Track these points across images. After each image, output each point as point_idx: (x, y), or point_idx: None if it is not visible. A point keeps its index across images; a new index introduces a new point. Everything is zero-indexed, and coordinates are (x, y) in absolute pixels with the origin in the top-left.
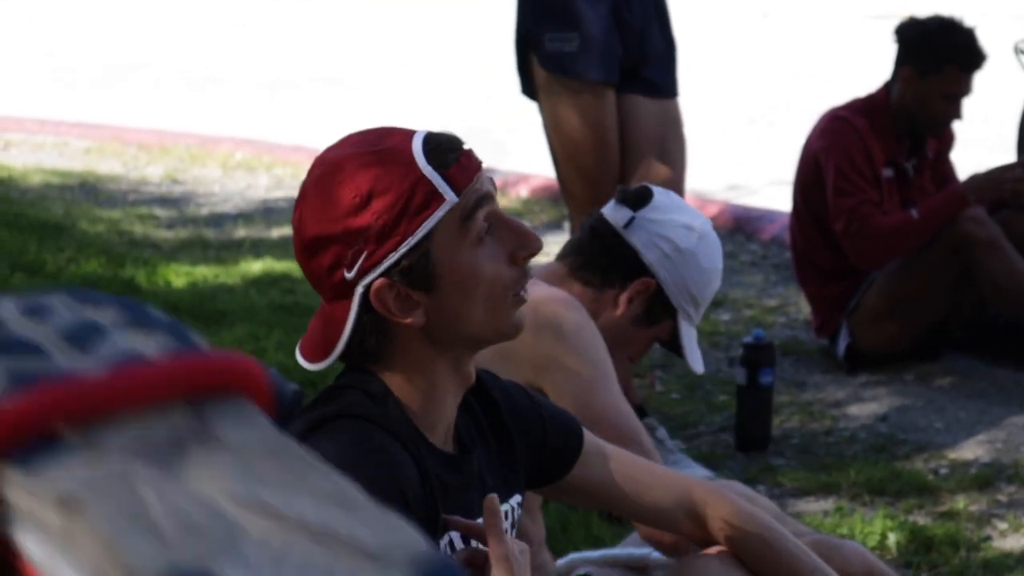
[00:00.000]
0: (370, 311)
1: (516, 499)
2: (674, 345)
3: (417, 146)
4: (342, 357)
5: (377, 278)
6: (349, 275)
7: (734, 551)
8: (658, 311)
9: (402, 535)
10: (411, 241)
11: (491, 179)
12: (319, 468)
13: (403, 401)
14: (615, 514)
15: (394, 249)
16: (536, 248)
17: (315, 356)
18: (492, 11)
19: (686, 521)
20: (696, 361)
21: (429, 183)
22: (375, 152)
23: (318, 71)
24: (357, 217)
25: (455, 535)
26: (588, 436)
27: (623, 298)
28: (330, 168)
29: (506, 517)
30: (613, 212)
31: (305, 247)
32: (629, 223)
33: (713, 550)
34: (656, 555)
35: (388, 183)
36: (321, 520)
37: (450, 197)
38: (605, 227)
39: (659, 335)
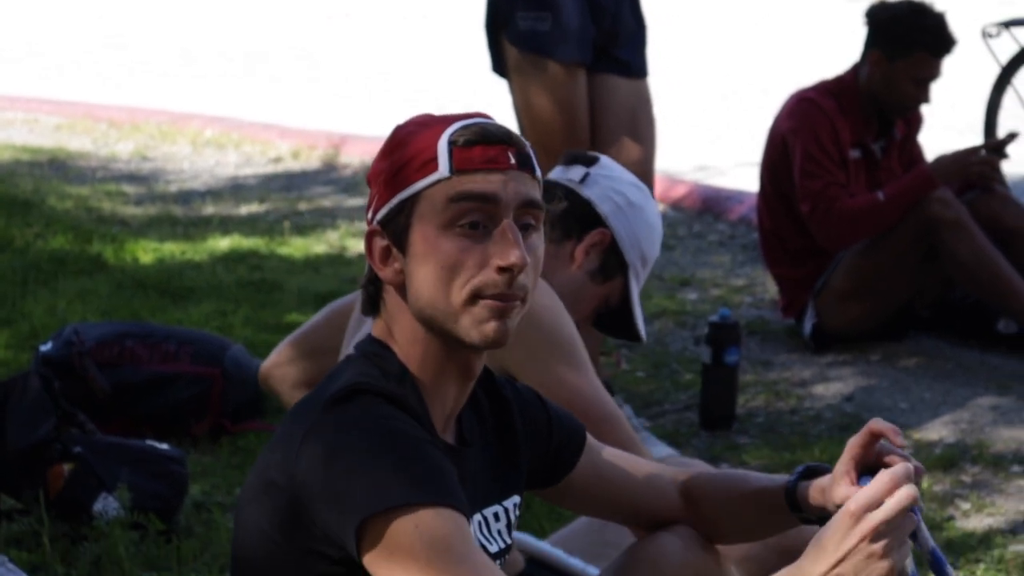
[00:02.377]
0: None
1: (514, 500)
2: (617, 321)
3: (460, 123)
4: (363, 304)
5: (376, 223)
6: (369, 215)
7: (706, 507)
8: (612, 266)
9: None
10: (400, 196)
11: (528, 197)
12: None
13: (416, 376)
14: (608, 519)
15: (389, 198)
16: (511, 262)
17: None
18: None
19: (677, 510)
20: (641, 326)
21: (435, 151)
22: (439, 118)
23: (292, 48)
24: (383, 161)
25: (488, 513)
26: (589, 439)
27: (580, 250)
28: (406, 121)
29: (499, 519)
30: (564, 172)
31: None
32: (584, 178)
33: (672, 528)
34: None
35: (415, 140)
36: None
37: (443, 169)
38: (558, 184)
39: (610, 295)
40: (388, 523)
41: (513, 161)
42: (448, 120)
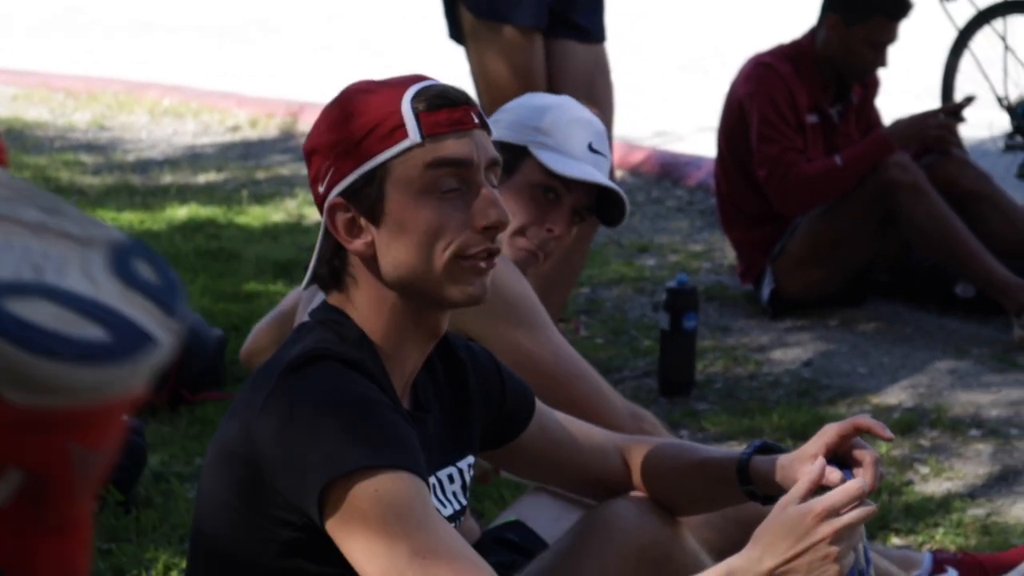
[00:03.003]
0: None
1: (468, 460)
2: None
3: (415, 87)
4: (318, 280)
5: (337, 196)
6: (321, 189)
7: (654, 478)
8: (512, 160)
9: (103, 228)
10: (366, 166)
11: (493, 156)
12: (39, 191)
13: (375, 343)
14: (555, 485)
15: (352, 170)
16: (495, 220)
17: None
18: None
19: (624, 478)
20: (573, 168)
21: (400, 117)
22: (385, 83)
23: (252, 18)
24: (335, 132)
25: (442, 475)
26: (538, 403)
27: None
28: (347, 89)
29: (453, 480)
30: None
31: (304, 157)
32: None
33: (627, 494)
34: None
35: (370, 107)
36: (38, 220)
37: (413, 136)
38: None
39: (530, 179)
40: (348, 488)
41: (476, 121)
42: (397, 84)
